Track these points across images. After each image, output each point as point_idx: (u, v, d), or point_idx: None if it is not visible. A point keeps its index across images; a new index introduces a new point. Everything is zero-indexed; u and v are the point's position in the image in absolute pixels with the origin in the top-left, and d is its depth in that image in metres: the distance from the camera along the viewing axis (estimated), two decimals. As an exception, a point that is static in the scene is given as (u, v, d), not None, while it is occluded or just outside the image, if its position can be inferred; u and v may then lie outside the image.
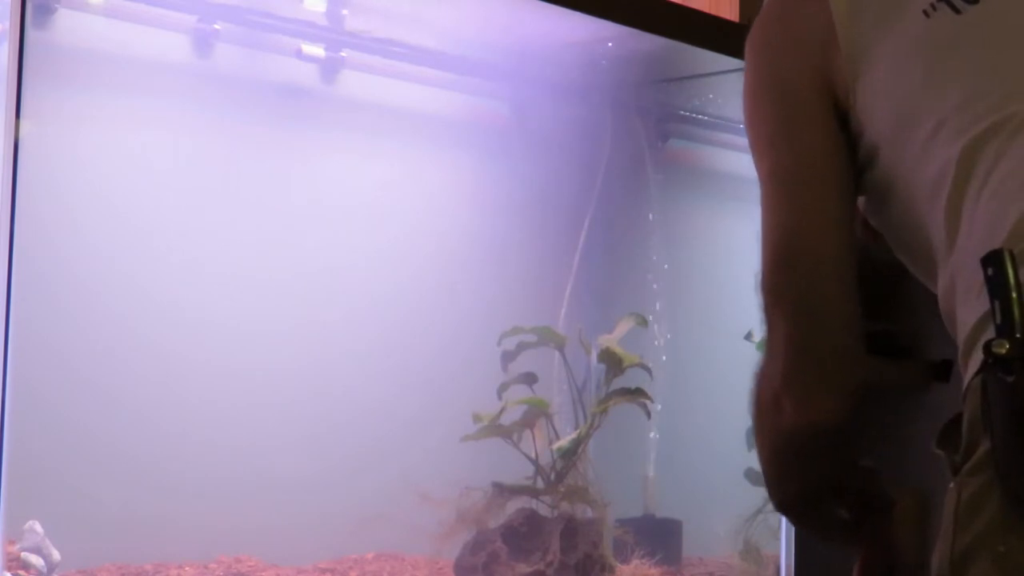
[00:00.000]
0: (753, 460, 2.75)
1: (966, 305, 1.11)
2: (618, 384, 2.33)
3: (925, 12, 1.17)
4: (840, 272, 1.23)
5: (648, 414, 2.38)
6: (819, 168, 1.24)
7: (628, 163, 2.66)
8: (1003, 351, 1.03)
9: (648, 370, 2.40)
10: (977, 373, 1.07)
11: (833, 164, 1.23)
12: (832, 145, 1.23)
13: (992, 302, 1.04)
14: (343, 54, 2.30)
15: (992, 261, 1.05)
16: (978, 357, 1.07)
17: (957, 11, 1.17)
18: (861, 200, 1.28)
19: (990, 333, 1.05)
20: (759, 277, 1.27)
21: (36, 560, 1.81)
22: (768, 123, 1.28)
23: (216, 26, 2.15)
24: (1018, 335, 1.02)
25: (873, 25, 1.20)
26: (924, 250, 1.18)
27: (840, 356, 1.22)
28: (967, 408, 1.09)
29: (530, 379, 2.25)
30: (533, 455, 2.25)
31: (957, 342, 1.15)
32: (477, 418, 2.22)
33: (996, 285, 1.04)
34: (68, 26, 2.01)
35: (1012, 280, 1.03)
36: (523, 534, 2.20)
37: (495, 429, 2.22)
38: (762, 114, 1.28)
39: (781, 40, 1.27)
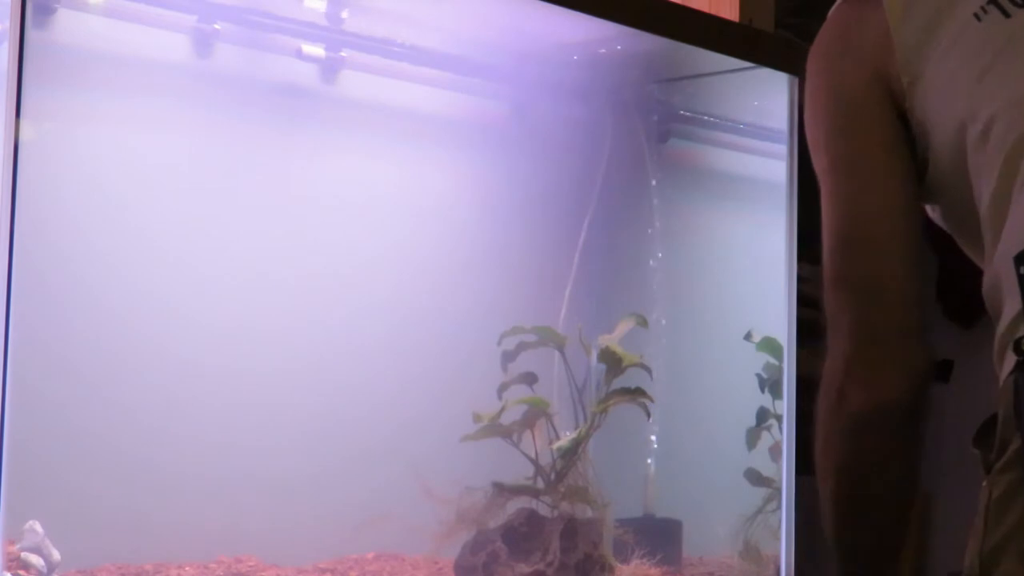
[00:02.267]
0: (753, 460, 2.77)
1: (1004, 302, 1.12)
2: (618, 384, 2.33)
3: (976, 15, 1.21)
4: (902, 253, 1.23)
5: (648, 414, 2.38)
6: (878, 157, 1.25)
7: (628, 163, 2.66)
8: None
9: (648, 370, 2.40)
10: (1010, 373, 1.08)
11: (893, 153, 1.25)
12: (891, 137, 1.25)
13: None
14: (343, 54, 2.30)
15: None
16: (1012, 357, 1.08)
17: (1007, 14, 1.20)
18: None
19: (1023, 332, 1.06)
20: (823, 267, 1.26)
21: (36, 560, 1.81)
22: (827, 121, 1.30)
23: (216, 26, 2.14)
24: None
25: (925, 29, 1.23)
26: (980, 244, 1.19)
27: (905, 335, 1.21)
28: (1000, 407, 1.10)
29: (530, 379, 2.25)
30: (533, 455, 2.25)
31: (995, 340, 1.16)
32: (477, 418, 2.22)
33: None
34: (68, 26, 2.01)
35: None
36: (523, 534, 2.20)
37: (495, 429, 2.22)
38: (821, 114, 1.31)
39: (840, 47, 1.31)
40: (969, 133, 1.18)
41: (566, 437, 2.27)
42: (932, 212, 1.32)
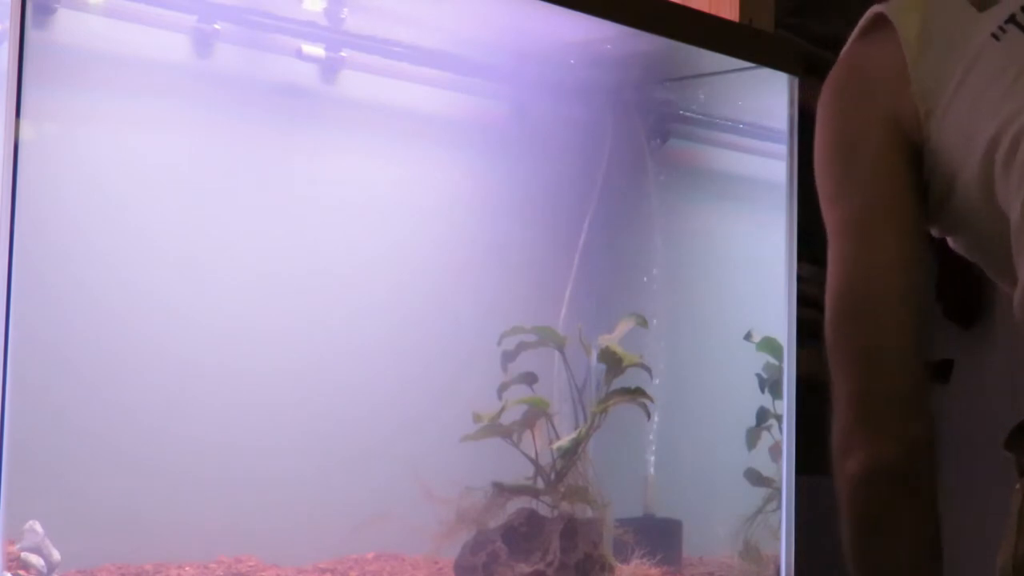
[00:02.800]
0: (753, 460, 2.77)
1: None
2: (618, 384, 2.33)
3: (994, 36, 1.20)
4: (901, 318, 1.23)
5: (648, 414, 2.38)
6: (886, 213, 1.25)
7: (628, 163, 2.66)
8: None
9: (648, 370, 2.40)
10: None
11: (901, 207, 1.24)
12: (900, 188, 1.24)
13: None
14: (343, 54, 2.30)
15: None
16: None
17: None
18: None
19: None
20: (825, 329, 1.27)
21: (36, 560, 1.81)
22: (836, 174, 1.29)
23: (216, 26, 2.14)
24: None
25: (943, 57, 1.22)
26: (1008, 267, 1.19)
27: (903, 405, 1.22)
28: None
29: (530, 379, 2.25)
30: (533, 455, 2.25)
31: None
32: (477, 418, 2.22)
33: None
34: (68, 26, 2.00)
35: None
36: (523, 534, 2.20)
37: (495, 429, 2.22)
38: (831, 166, 1.29)
39: (853, 87, 1.30)
40: (998, 151, 1.17)
41: (566, 437, 2.27)
42: (955, 244, 1.31)
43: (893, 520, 1.23)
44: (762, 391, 2.59)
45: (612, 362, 2.33)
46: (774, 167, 2.53)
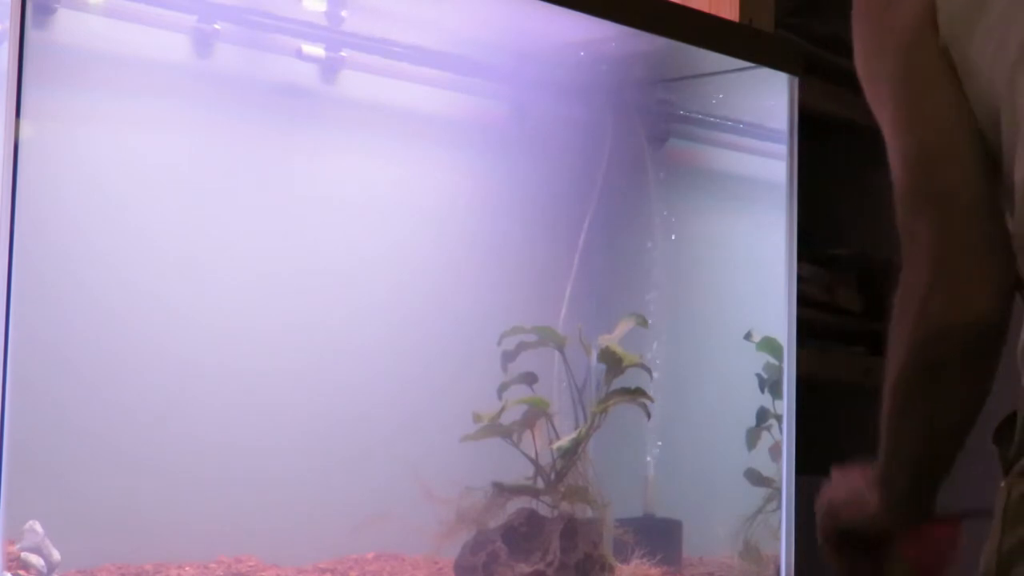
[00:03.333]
0: (753, 460, 2.76)
1: None
2: (618, 384, 2.33)
3: None
4: (978, 165, 1.19)
5: (648, 414, 2.38)
6: (939, 81, 1.21)
7: (628, 163, 2.66)
8: None
9: (648, 370, 2.40)
10: None
11: (951, 80, 1.21)
12: (947, 65, 1.21)
13: None
14: (343, 54, 2.30)
15: None
16: None
17: None
18: None
19: None
20: (895, 194, 1.21)
21: (36, 560, 1.81)
22: (884, 51, 1.26)
23: (216, 26, 2.14)
24: None
25: None
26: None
27: (990, 246, 1.16)
28: (1022, 407, 1.09)
29: (530, 379, 2.25)
30: (533, 455, 2.25)
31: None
32: (477, 418, 2.22)
33: None
34: (68, 26, 2.00)
35: None
36: (523, 534, 2.20)
37: (495, 429, 2.22)
38: (877, 47, 1.26)
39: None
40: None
41: (566, 437, 2.27)
42: None
43: (968, 372, 1.17)
44: (762, 391, 2.59)
45: (612, 362, 2.33)
46: (774, 167, 2.53)
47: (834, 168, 2.97)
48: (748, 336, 2.61)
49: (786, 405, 2.46)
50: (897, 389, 1.21)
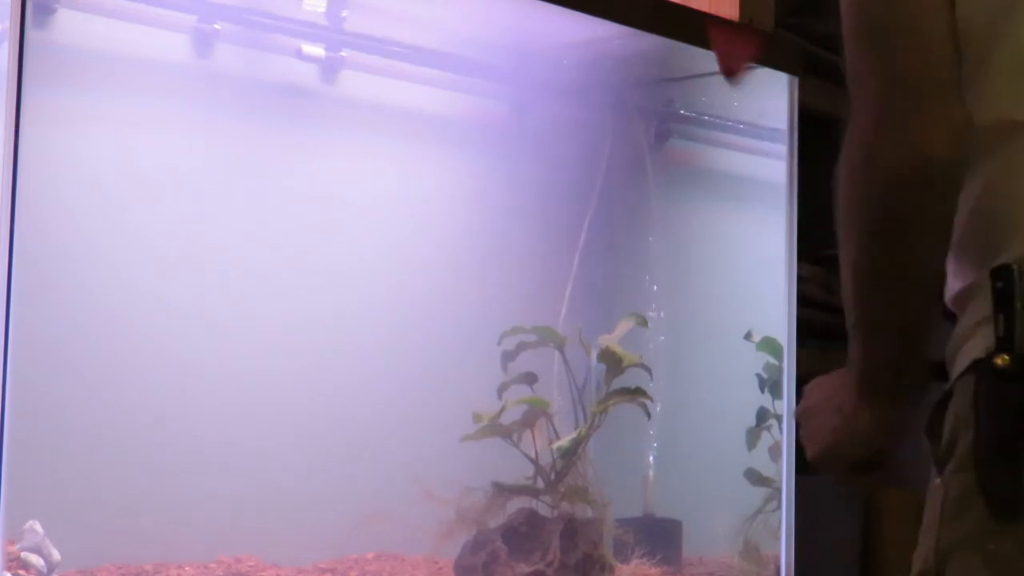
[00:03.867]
0: (753, 460, 2.76)
1: (973, 299, 1.11)
2: (618, 384, 2.33)
3: None
4: (937, 7, 1.08)
5: (648, 414, 2.38)
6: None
7: (628, 163, 2.67)
8: (1002, 363, 1.03)
9: (648, 370, 2.40)
10: (969, 372, 1.08)
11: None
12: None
13: (996, 314, 1.05)
14: (343, 54, 2.30)
15: (1002, 275, 1.05)
16: (970, 354, 1.08)
17: None
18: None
19: (986, 336, 1.06)
20: (843, 27, 1.12)
21: (36, 560, 1.81)
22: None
23: (216, 26, 2.15)
24: (1019, 351, 1.03)
25: None
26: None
27: (942, 85, 1.07)
28: (954, 404, 1.09)
29: (530, 379, 2.25)
30: (533, 455, 2.25)
31: (954, 328, 1.14)
32: (477, 418, 2.22)
33: (1003, 298, 1.04)
34: (68, 26, 2.01)
35: (1019, 297, 1.03)
36: (523, 534, 2.20)
37: (495, 429, 2.22)
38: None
39: None
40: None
41: (566, 437, 2.27)
42: None
43: (924, 222, 1.09)
44: (762, 391, 2.59)
45: (612, 362, 2.33)
46: (774, 167, 2.53)
47: (834, 168, 2.97)
48: (748, 336, 2.61)
49: (786, 405, 2.46)
50: (850, 241, 1.13)
